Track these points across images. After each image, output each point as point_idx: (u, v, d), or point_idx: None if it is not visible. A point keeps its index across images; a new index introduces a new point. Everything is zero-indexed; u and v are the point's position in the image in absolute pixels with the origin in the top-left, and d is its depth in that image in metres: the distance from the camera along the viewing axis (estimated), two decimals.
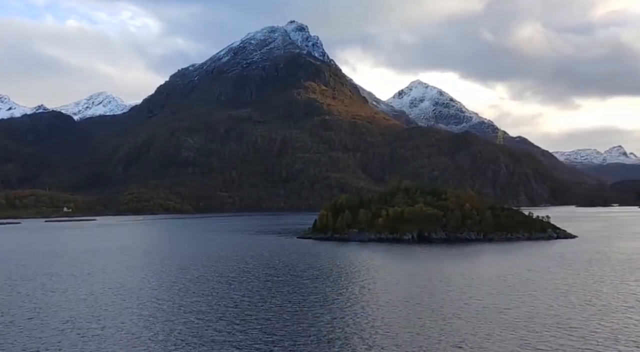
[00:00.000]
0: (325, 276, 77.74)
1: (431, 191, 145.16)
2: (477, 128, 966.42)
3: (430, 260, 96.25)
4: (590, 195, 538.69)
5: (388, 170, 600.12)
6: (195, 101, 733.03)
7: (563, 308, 52.34)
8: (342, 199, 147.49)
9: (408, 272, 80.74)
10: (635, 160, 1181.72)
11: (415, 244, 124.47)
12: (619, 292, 60.35)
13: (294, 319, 49.88)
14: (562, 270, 79.48)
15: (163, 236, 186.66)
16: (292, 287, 67.49)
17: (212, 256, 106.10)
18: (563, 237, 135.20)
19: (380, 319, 50.01)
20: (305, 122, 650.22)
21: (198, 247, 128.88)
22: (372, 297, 60.53)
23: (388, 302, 57.44)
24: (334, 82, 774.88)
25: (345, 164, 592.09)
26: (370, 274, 79.54)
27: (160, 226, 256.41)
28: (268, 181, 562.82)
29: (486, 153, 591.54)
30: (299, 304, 56.67)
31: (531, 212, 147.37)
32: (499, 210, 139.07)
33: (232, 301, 59.17)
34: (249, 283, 70.52)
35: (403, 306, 55.68)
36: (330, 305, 56.23)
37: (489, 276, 75.50)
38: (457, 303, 56.28)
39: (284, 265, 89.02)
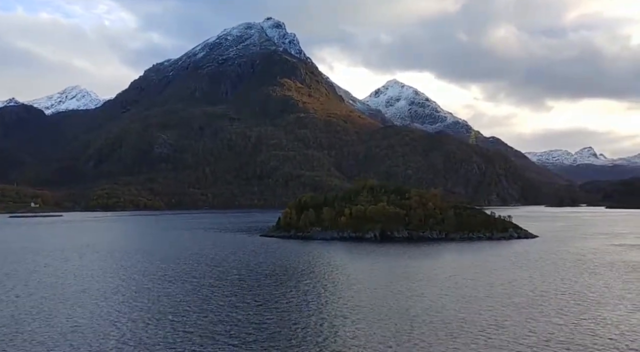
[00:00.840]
0: (277, 274, 77.58)
1: (395, 189, 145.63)
2: (452, 128, 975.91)
3: (386, 259, 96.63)
4: (560, 195, 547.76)
5: (363, 168, 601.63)
6: (169, 97, 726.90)
7: (499, 309, 52.74)
8: (306, 197, 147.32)
9: (361, 272, 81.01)
10: (605, 162, 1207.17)
11: (378, 242, 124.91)
12: (563, 293, 61.01)
13: (234, 320, 49.59)
14: (513, 270, 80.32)
15: (124, 233, 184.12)
16: (235, 288, 67.03)
17: (165, 254, 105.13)
18: (524, 237, 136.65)
19: (326, 318, 50.06)
20: (280, 120, 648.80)
21: (150, 244, 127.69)
22: (319, 297, 60.65)
23: (336, 302, 57.53)
24: (310, 80, 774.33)
25: (320, 162, 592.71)
26: (324, 273, 79.61)
27: (125, 222, 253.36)
28: (242, 178, 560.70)
29: (459, 153, 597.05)
30: (241, 305, 56.38)
31: (493, 211, 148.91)
32: (461, 209, 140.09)
33: (172, 299, 58.58)
34: (191, 283, 69.68)
35: (348, 306, 55.75)
36: (276, 304, 56.16)
37: (439, 276, 76.15)
38: (400, 303, 56.67)
39: (238, 264, 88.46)
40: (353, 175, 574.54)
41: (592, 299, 56.70)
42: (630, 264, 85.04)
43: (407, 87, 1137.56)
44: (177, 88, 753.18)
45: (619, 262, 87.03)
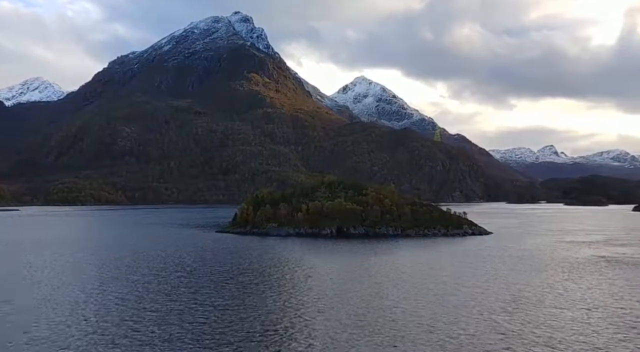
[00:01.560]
0: (223, 272, 77.32)
1: (353, 185, 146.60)
2: (418, 125, 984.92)
3: (335, 256, 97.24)
4: (521, 192, 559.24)
5: (329, 164, 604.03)
6: (134, 89, 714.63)
7: (436, 307, 53.64)
8: (263, 193, 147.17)
9: (314, 269, 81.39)
10: (566, 159, 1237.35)
11: (334, 239, 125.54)
12: (502, 292, 62.14)
13: (175, 317, 49.37)
14: (459, 267, 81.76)
15: (75, 228, 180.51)
16: (173, 288, 66.59)
17: (114, 249, 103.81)
18: (478, 233, 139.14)
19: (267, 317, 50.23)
20: (247, 115, 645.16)
21: (96, 240, 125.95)
22: (261, 295, 60.72)
23: (276, 300, 57.76)
24: (278, 75, 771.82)
25: (287, 157, 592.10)
26: (273, 270, 79.86)
27: (82, 217, 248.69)
28: (208, 173, 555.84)
29: (424, 150, 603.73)
30: (182, 301, 56.16)
31: (449, 208, 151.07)
32: (417, 206, 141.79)
33: (102, 299, 57.94)
34: (131, 280, 69.00)
35: (298, 304, 56.06)
36: (219, 301, 56.16)
37: (384, 273, 77.06)
38: (339, 302, 57.28)
39: (183, 261, 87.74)
40: (320, 171, 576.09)
41: (527, 298, 57.76)
42: (574, 261, 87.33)
43: (374, 84, 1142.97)
44: (142, 81, 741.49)
45: (564, 260, 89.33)
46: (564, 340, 41.41)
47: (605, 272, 74.98)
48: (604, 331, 44.15)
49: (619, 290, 61.67)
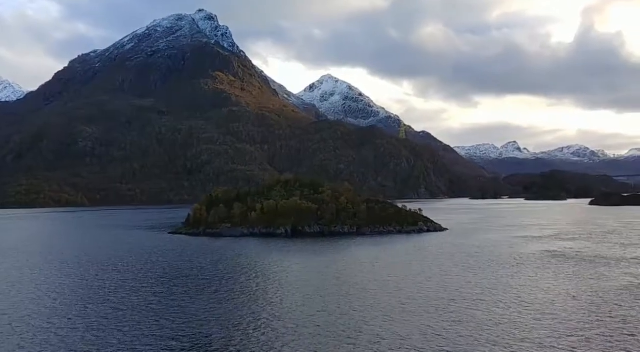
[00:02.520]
0: (166, 274, 75.77)
1: (310, 184, 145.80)
2: (385, 122, 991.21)
3: (278, 256, 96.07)
4: (484, 188, 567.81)
5: (295, 163, 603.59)
6: (95, 89, 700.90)
7: (367, 308, 53.12)
8: (218, 192, 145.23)
9: (261, 270, 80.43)
10: (528, 155, 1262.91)
11: (289, 238, 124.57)
12: (445, 289, 61.97)
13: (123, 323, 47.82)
14: (406, 265, 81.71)
15: (25, 232, 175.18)
16: (111, 292, 64.90)
17: (52, 254, 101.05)
18: (433, 230, 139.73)
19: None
20: (212, 113, 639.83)
21: (42, 244, 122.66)
22: (209, 298, 59.40)
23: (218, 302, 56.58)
24: (243, 73, 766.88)
25: (252, 156, 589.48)
26: (218, 272, 78.53)
27: (35, 221, 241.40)
28: (172, 172, 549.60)
29: (389, 147, 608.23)
30: (125, 307, 54.57)
31: (404, 205, 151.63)
32: (373, 203, 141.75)
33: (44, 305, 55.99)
34: (64, 286, 67.06)
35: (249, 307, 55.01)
36: (157, 306, 54.64)
37: (330, 272, 76.65)
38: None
39: (125, 264, 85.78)
40: (286, 169, 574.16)
41: (464, 296, 57.43)
42: (521, 257, 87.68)
43: (341, 82, 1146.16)
44: (103, 80, 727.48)
45: (511, 256, 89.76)
46: (486, 338, 41.29)
47: (548, 268, 75.48)
48: (532, 328, 44.14)
49: (556, 286, 62.10)
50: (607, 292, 57.93)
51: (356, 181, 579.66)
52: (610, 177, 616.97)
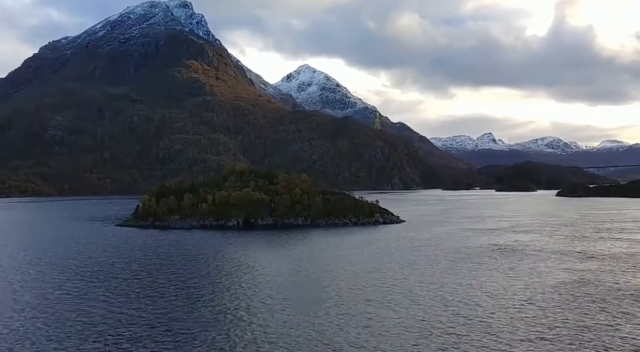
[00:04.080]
0: (100, 268, 72.58)
1: (265, 174, 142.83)
2: (361, 113, 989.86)
3: (224, 248, 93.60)
4: (457, 179, 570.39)
5: (269, 153, 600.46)
6: (66, 76, 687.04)
7: (285, 306, 50.64)
8: (170, 182, 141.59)
9: (199, 264, 77.69)
10: (503, 147, 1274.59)
11: (240, 230, 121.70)
12: (374, 286, 59.65)
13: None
14: (347, 259, 79.47)
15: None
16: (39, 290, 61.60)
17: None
18: (390, 222, 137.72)
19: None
20: (186, 103, 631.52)
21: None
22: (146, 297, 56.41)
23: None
24: (218, 62, 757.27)
25: (226, 146, 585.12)
26: (156, 265, 75.65)
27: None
28: (144, 162, 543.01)
29: (364, 138, 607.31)
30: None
31: (361, 196, 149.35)
32: (329, 195, 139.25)
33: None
34: None
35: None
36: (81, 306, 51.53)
37: (265, 266, 74.51)
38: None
39: (58, 258, 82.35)
40: (259, 159, 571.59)
41: (391, 295, 55.35)
42: (467, 251, 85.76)
43: (318, 73, 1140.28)
44: (74, 68, 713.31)
45: (457, 250, 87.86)
46: (386, 342, 39.13)
47: (486, 263, 73.56)
48: (445, 329, 42.05)
49: (485, 283, 60.23)
50: (536, 289, 56.22)
51: (330, 171, 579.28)
52: (581, 169, 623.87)
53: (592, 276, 63.06)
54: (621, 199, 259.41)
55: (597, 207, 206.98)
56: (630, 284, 57.89)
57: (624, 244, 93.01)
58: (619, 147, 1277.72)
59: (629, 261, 74.41)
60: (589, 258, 77.05)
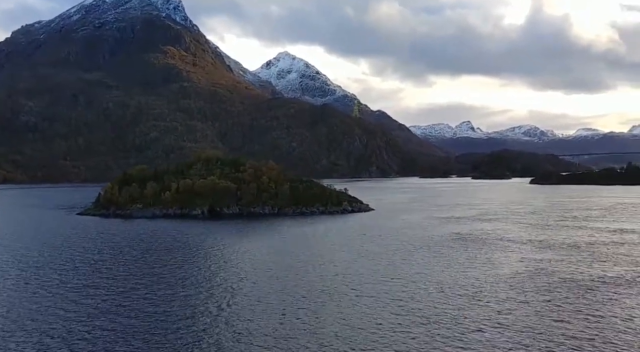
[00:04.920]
0: (55, 260, 70.10)
1: (232, 162, 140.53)
2: (341, 101, 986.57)
3: (184, 237, 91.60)
4: (434, 166, 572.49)
5: (247, 140, 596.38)
6: (39, 61, 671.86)
7: (224, 300, 49.09)
8: (134, 170, 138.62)
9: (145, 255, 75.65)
10: (481, 135, 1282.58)
11: (205, 220, 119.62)
12: (325, 277, 58.31)
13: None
14: (304, 250, 78.14)
15: None
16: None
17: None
18: (358, 210, 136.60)
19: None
20: (162, 89, 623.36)
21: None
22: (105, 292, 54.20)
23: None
24: (195, 48, 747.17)
25: (203, 133, 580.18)
26: (111, 256, 73.41)
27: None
28: (119, 149, 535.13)
29: (342, 126, 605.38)
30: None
31: (330, 184, 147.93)
32: (297, 183, 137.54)
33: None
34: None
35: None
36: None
37: (223, 258, 72.93)
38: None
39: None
40: (237, 147, 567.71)
41: (336, 286, 54.03)
42: (428, 240, 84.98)
43: (298, 60, 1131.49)
44: (48, 52, 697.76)
45: (419, 239, 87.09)
46: (328, 332, 37.79)
47: (447, 253, 72.64)
48: (385, 323, 40.82)
49: (442, 275, 59.30)
50: (486, 280, 55.33)
51: (309, 159, 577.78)
52: (557, 156, 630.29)
53: (547, 266, 62.41)
54: (593, 187, 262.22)
55: (567, 194, 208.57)
56: (581, 276, 57.28)
57: (586, 232, 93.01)
58: (594, 135, 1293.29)
59: (586, 250, 74.09)
60: (548, 247, 76.66)
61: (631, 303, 45.90)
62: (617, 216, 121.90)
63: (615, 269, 60.97)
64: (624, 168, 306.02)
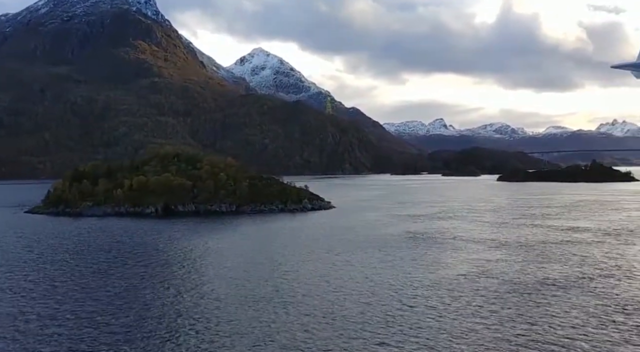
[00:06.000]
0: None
1: (189, 158, 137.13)
2: (315, 98, 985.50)
3: (130, 238, 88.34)
4: (407, 164, 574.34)
5: (219, 136, 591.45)
6: (6, 55, 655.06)
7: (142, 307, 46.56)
8: (88, 166, 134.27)
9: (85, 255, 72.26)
10: (453, 132, 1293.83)
11: (160, 218, 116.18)
12: (259, 282, 55.93)
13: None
14: (250, 251, 75.87)
15: None
16: None
17: None
18: (318, 208, 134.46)
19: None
20: (132, 84, 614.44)
21: None
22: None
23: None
24: (167, 43, 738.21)
25: (174, 129, 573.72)
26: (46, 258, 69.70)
27: None
28: (87, 144, 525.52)
29: (315, 123, 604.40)
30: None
31: (290, 181, 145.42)
32: (256, 180, 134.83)
33: None
34: None
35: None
36: None
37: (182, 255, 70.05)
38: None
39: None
40: (209, 143, 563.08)
41: (266, 291, 51.88)
42: (380, 240, 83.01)
43: (272, 56, 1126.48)
44: (15, 46, 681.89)
45: (370, 238, 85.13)
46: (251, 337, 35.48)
47: (394, 254, 70.70)
48: (318, 326, 38.63)
49: (384, 277, 57.31)
50: (429, 283, 53.54)
51: (282, 156, 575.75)
52: (526, 154, 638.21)
53: (492, 267, 60.75)
54: (558, 184, 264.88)
55: (530, 192, 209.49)
56: (526, 277, 55.81)
57: (540, 231, 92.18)
58: (563, 133, 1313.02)
59: (537, 249, 72.93)
60: (499, 247, 75.30)
61: (572, 305, 44.45)
62: (575, 213, 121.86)
63: (562, 269, 59.69)
64: (587, 166, 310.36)
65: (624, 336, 36.69)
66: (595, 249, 73.16)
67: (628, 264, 61.87)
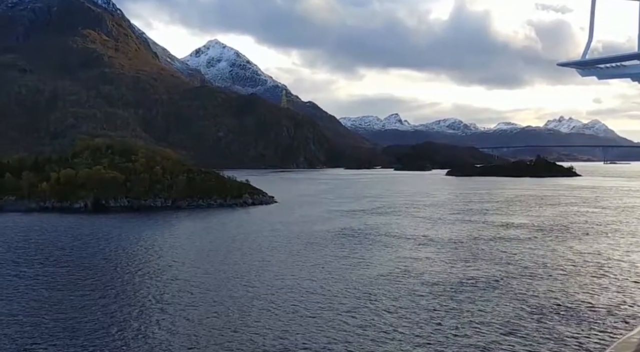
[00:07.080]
0: None
1: (124, 150, 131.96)
2: (272, 91, 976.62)
3: (51, 235, 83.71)
4: (361, 158, 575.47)
5: (172, 129, 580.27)
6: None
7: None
8: (13, 159, 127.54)
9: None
10: (408, 127, 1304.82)
11: (89, 213, 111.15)
12: (180, 282, 53.18)
13: None
14: (179, 249, 72.67)
15: None
16: None
17: None
18: (259, 203, 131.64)
19: None
20: (81, 74, 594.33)
21: None
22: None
23: None
24: (118, 33, 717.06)
25: (125, 121, 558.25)
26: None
27: None
28: (32, 136, 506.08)
29: (270, 116, 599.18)
30: None
31: (230, 175, 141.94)
32: (195, 174, 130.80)
33: None
34: None
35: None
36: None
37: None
38: None
39: None
40: (162, 136, 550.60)
41: (188, 290, 49.21)
42: (311, 237, 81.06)
43: (228, 49, 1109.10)
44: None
45: (303, 235, 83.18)
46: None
47: (321, 251, 69.06)
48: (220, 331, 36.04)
49: (303, 277, 55.33)
50: (349, 284, 51.64)
51: (236, 149, 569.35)
52: (477, 149, 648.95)
53: (418, 265, 59.45)
54: (504, 178, 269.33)
55: (475, 186, 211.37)
56: (449, 276, 54.55)
57: (475, 227, 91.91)
58: (512, 129, 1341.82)
59: (466, 246, 72.26)
60: (429, 244, 74.35)
61: (491, 306, 43.10)
62: (513, 208, 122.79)
63: (486, 268, 58.65)
64: (532, 161, 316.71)
65: (528, 341, 35.36)
66: (525, 246, 72.63)
67: (553, 263, 61.23)
